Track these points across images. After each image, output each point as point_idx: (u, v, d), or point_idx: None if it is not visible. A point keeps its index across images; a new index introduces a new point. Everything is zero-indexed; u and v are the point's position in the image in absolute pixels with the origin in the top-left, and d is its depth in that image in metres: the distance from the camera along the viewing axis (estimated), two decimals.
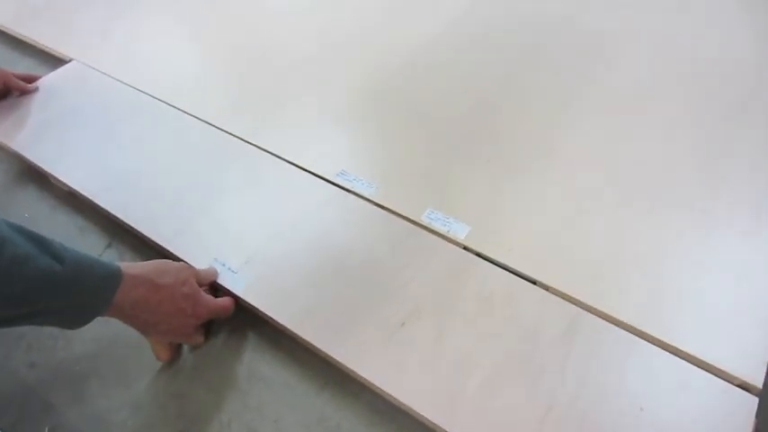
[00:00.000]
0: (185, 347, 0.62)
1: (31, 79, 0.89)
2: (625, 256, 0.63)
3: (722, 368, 0.53)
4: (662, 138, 0.75)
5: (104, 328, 0.62)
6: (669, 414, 0.51)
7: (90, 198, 0.73)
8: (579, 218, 0.67)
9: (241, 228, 0.68)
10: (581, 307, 0.59)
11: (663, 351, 0.55)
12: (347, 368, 0.56)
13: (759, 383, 0.52)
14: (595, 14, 0.97)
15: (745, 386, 0.52)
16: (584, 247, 0.64)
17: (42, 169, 0.77)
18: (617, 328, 0.57)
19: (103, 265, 0.51)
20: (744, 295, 0.59)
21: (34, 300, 0.46)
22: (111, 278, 0.51)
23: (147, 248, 0.70)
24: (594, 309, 0.58)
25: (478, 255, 0.64)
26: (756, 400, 0.51)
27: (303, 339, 0.58)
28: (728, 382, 0.52)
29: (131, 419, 0.57)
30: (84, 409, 0.58)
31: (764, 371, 0.53)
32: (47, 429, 0.56)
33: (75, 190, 0.75)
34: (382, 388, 0.54)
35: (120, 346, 0.62)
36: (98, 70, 0.92)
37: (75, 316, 0.50)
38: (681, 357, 0.54)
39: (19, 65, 0.98)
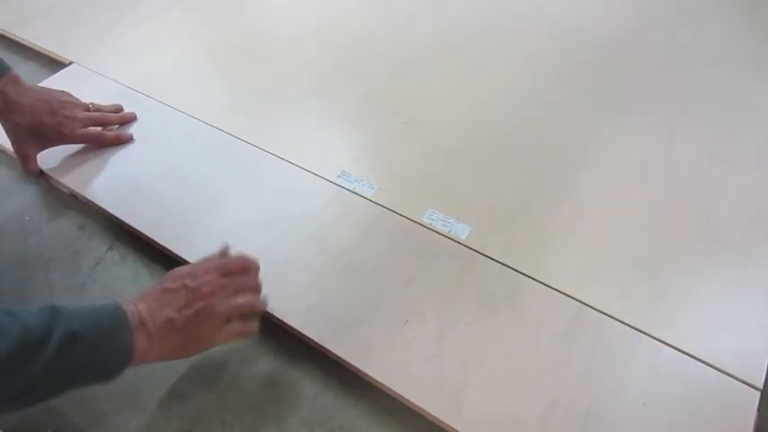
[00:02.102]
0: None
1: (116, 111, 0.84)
2: (627, 258, 0.63)
3: (723, 368, 0.54)
4: (663, 139, 0.76)
5: None
6: (671, 408, 0.51)
7: (92, 200, 0.73)
8: (580, 219, 0.67)
9: (244, 228, 0.68)
10: (583, 304, 0.59)
11: (665, 346, 0.55)
12: (352, 366, 0.56)
13: (759, 384, 0.52)
14: (596, 17, 0.98)
15: (746, 383, 0.53)
16: (585, 249, 0.64)
17: (43, 172, 0.77)
18: (619, 324, 0.57)
19: (102, 306, 0.50)
20: (746, 295, 0.59)
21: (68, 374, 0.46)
22: (115, 311, 0.50)
23: (149, 250, 0.70)
24: (596, 309, 0.59)
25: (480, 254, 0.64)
26: (758, 393, 0.51)
27: (307, 338, 0.59)
28: (730, 376, 0.53)
29: (133, 421, 0.56)
30: (87, 411, 0.57)
31: (765, 368, 0.53)
32: (49, 431, 0.56)
33: (76, 192, 0.75)
34: (387, 385, 0.54)
35: None
36: (98, 73, 0.92)
37: (104, 363, 0.48)
38: (682, 352, 0.55)
39: (19, 68, 0.97)
